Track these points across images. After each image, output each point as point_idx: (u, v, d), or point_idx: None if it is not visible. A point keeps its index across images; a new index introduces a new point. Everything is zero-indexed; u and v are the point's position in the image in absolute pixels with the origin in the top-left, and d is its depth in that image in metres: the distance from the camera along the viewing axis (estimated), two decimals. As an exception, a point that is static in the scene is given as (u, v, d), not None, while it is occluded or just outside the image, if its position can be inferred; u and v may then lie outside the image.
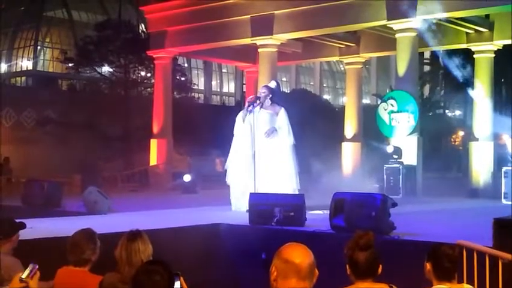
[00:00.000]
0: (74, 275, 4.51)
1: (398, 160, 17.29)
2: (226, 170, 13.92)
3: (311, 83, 59.56)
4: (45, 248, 7.85)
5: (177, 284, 2.98)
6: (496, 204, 15.73)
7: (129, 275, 3.73)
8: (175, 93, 29.29)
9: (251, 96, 14.19)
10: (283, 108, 13.46)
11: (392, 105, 17.87)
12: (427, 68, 41.13)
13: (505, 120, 20.24)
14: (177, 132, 24.35)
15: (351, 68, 24.62)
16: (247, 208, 11.47)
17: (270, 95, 13.41)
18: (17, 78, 47.27)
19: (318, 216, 11.44)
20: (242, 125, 13.34)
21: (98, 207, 12.90)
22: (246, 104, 13.63)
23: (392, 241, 8.75)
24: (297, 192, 12.98)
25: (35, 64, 46.63)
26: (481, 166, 20.03)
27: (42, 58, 47.43)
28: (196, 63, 52.37)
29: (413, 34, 17.77)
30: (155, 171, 23.32)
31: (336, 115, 30.34)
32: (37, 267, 3.93)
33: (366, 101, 47.66)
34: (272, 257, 3.01)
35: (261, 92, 13.53)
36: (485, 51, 20.64)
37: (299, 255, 2.93)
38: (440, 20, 18.32)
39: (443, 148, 35.64)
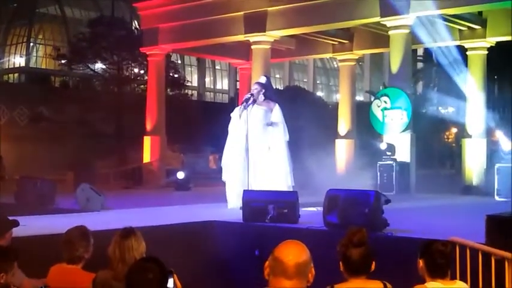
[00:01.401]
0: (67, 273, 4.50)
1: (391, 157, 17.32)
2: (221, 168, 13.88)
3: (304, 80, 59.56)
4: (38, 245, 7.82)
5: (170, 282, 2.97)
6: (489, 200, 15.76)
7: (122, 273, 3.72)
8: (168, 90, 29.26)
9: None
10: (277, 104, 13.44)
11: (385, 102, 17.89)
12: (420, 65, 41.19)
13: (498, 117, 20.31)
14: (170, 129, 24.31)
15: (344, 65, 24.63)
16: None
17: (263, 91, 13.39)
18: (10, 75, 47.10)
19: (311, 213, 11.43)
20: (238, 121, 13.30)
21: (90, 204, 12.85)
22: (242, 101, 13.60)
23: (386, 238, 8.75)
24: (291, 189, 12.97)
25: (27, 61, 46.47)
26: (474, 163, 20.09)
27: (35, 55, 47.26)
28: (190, 60, 52.29)
29: (407, 31, 17.79)
30: (148, 169, 23.27)
31: (330, 112, 30.35)
32: None
33: (360, 98, 47.68)
34: (266, 254, 3.01)
35: (254, 88, 13.46)
36: (478, 48, 20.68)
37: (288, 254, 2.89)
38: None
39: (436, 145, 35.69)
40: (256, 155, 13.04)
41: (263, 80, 13.91)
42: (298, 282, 2.88)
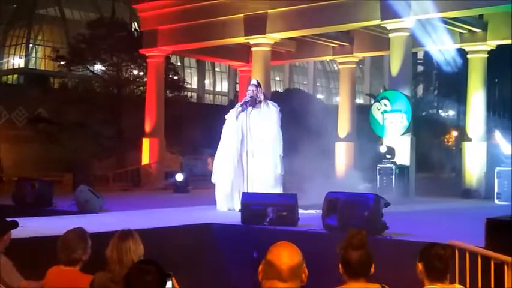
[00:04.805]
0: (65, 275, 4.48)
1: (391, 160, 17.28)
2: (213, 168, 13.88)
3: (304, 83, 59.54)
4: (35, 247, 7.79)
5: (168, 284, 2.95)
6: (489, 204, 15.76)
7: (120, 275, 3.70)
8: (167, 92, 29.18)
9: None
10: (271, 102, 13.51)
11: (385, 105, 17.86)
12: (420, 68, 41.21)
13: (498, 121, 20.26)
14: (169, 131, 24.29)
15: (345, 68, 24.62)
16: (239, 208, 11.45)
17: (261, 92, 13.45)
18: (9, 76, 47.05)
19: (310, 216, 11.42)
20: (235, 123, 13.27)
21: (89, 206, 12.82)
22: (240, 103, 13.58)
23: (385, 241, 8.73)
24: (280, 178, 13.14)
25: (26, 62, 46.44)
26: (474, 166, 20.06)
27: (34, 56, 47.22)
28: (190, 62, 52.27)
29: (407, 34, 17.78)
30: (147, 171, 23.26)
31: (329, 114, 30.33)
32: None
33: (360, 100, 47.71)
34: (264, 257, 2.99)
35: (253, 90, 13.40)
36: (478, 51, 20.66)
37: (282, 257, 2.89)
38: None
39: (436, 148, 35.65)
40: (252, 155, 13.08)
41: (256, 82, 13.91)
42: (293, 283, 2.88)
